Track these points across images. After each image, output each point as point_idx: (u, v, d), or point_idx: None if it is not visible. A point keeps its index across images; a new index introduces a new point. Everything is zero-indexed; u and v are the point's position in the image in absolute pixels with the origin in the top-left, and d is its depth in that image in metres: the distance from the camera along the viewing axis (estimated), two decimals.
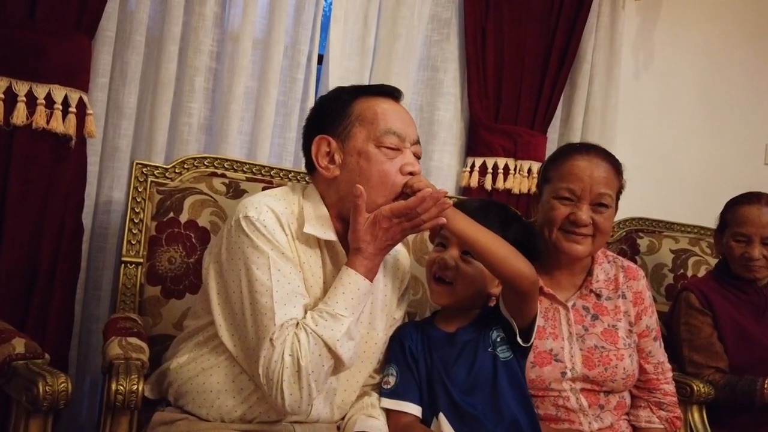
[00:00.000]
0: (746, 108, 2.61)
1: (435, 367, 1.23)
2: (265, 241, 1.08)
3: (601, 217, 1.35)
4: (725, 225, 1.80)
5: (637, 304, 1.42)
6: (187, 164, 1.60)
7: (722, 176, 2.48)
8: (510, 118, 2.21)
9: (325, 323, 1.05)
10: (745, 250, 1.72)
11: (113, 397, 1.00)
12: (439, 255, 1.25)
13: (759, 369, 1.65)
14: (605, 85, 2.37)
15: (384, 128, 1.13)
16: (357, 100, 1.17)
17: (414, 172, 1.14)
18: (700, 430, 1.58)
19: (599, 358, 1.34)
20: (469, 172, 2.20)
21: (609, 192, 1.36)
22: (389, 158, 1.13)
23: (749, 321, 1.72)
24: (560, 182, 1.37)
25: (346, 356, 1.07)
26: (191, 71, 1.85)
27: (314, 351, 1.04)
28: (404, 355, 1.24)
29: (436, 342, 1.25)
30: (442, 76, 2.20)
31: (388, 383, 1.22)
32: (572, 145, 1.48)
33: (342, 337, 1.05)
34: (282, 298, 1.06)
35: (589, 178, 1.34)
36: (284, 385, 1.02)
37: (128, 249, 1.49)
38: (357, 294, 1.08)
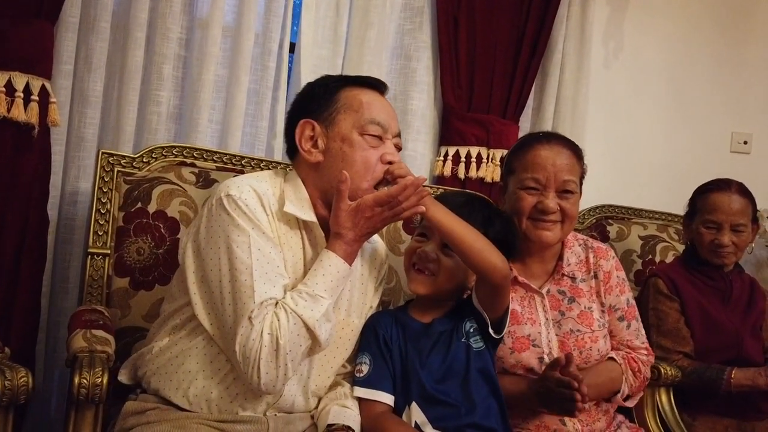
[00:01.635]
0: (713, 97, 2.66)
1: (409, 357, 1.23)
2: (246, 220, 1.10)
3: (568, 203, 1.38)
4: (695, 212, 1.82)
5: (605, 284, 1.44)
6: (155, 153, 1.57)
7: (690, 164, 2.53)
8: (482, 108, 2.22)
9: (305, 303, 1.07)
10: (715, 237, 1.74)
11: (77, 390, 0.98)
12: (420, 246, 1.25)
13: (724, 353, 1.70)
14: (576, 75, 2.38)
15: (368, 117, 1.16)
16: (344, 89, 1.20)
17: (393, 161, 1.17)
18: (667, 412, 1.62)
19: (574, 342, 1.37)
20: (442, 161, 2.21)
21: (573, 178, 1.38)
22: (371, 146, 1.16)
23: (715, 306, 1.75)
24: (525, 173, 1.39)
25: (323, 337, 1.09)
26: (159, 59, 1.82)
27: (293, 330, 1.05)
28: (378, 344, 1.24)
29: (411, 332, 1.25)
30: (415, 65, 2.19)
31: (361, 371, 1.22)
32: (533, 135, 1.50)
33: (321, 318, 1.07)
34: (261, 277, 1.07)
35: (552, 166, 1.37)
36: (261, 363, 1.03)
37: (95, 240, 1.46)
38: (336, 276, 1.10)
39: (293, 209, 1.16)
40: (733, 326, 1.73)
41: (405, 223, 1.80)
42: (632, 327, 1.46)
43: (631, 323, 1.46)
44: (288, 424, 1.18)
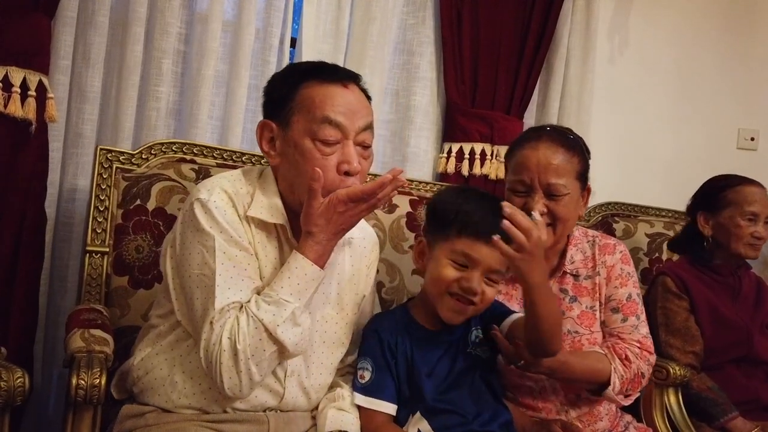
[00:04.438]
0: (719, 93, 2.63)
1: (416, 366, 1.18)
2: (213, 224, 1.07)
3: (558, 205, 1.30)
4: (724, 204, 1.76)
5: (606, 277, 1.39)
6: (155, 150, 1.54)
7: (696, 160, 2.50)
8: (486, 103, 2.19)
9: (267, 308, 1.04)
10: (755, 229, 1.73)
11: (74, 392, 0.96)
12: (462, 276, 1.14)
13: (734, 350, 1.70)
14: (581, 70, 2.36)
15: (321, 117, 1.07)
16: (302, 84, 1.10)
17: (350, 171, 1.08)
18: (676, 412, 1.60)
19: (571, 344, 1.33)
20: (445, 157, 2.18)
21: (560, 181, 1.29)
22: (324, 154, 1.07)
23: (725, 303, 1.74)
24: (513, 175, 1.35)
25: (290, 342, 1.05)
26: (158, 54, 1.79)
27: (254, 335, 1.02)
28: (382, 351, 1.18)
29: (417, 340, 1.21)
30: (418, 60, 2.17)
31: (362, 377, 1.18)
32: (525, 133, 1.43)
33: (284, 323, 1.03)
34: (225, 282, 1.05)
35: (537, 167, 1.29)
36: (222, 368, 1.02)
37: (93, 238, 1.43)
38: (304, 279, 1.06)
39: (259, 211, 1.11)
40: (743, 323, 1.72)
41: (409, 221, 1.78)
42: (628, 322, 1.36)
43: (628, 318, 1.36)
44: (289, 423, 1.16)
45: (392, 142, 2.21)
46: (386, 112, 2.19)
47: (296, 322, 1.05)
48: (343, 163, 1.07)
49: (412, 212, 1.79)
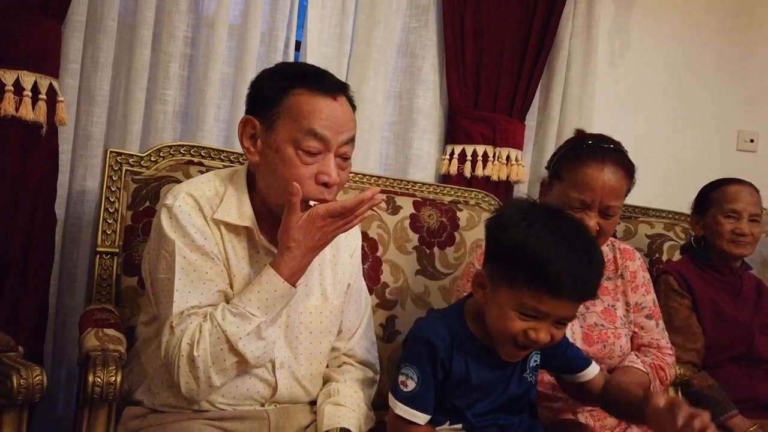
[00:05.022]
0: (719, 95, 2.65)
1: (470, 385, 1.12)
2: (175, 228, 1.09)
3: (608, 222, 1.37)
4: (709, 205, 1.82)
5: (631, 283, 1.47)
6: (163, 152, 1.57)
7: (696, 162, 2.52)
8: (488, 106, 2.21)
9: (232, 319, 1.04)
10: (736, 226, 1.76)
11: (90, 389, 0.98)
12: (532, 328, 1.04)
13: (735, 348, 1.73)
14: (582, 73, 2.38)
15: (307, 129, 1.07)
16: (292, 91, 1.10)
17: (329, 183, 1.09)
18: None
19: (598, 335, 1.39)
20: (448, 159, 2.20)
21: (617, 203, 1.36)
22: (305, 163, 1.08)
23: (726, 302, 1.77)
24: (572, 191, 1.35)
25: (251, 355, 1.06)
26: (165, 57, 1.82)
27: (215, 344, 1.04)
28: (433, 364, 1.10)
29: (474, 356, 1.12)
30: (421, 63, 2.19)
31: (405, 386, 1.11)
32: (589, 149, 1.39)
33: (246, 337, 1.04)
34: (185, 286, 1.07)
35: (601, 189, 1.33)
36: (180, 371, 1.04)
37: (103, 239, 1.46)
38: (273, 296, 1.06)
39: (227, 214, 1.12)
40: (744, 321, 1.75)
41: (412, 222, 1.80)
42: (660, 326, 1.48)
43: (659, 323, 1.48)
44: (289, 418, 1.19)
45: (395, 144, 2.23)
46: (389, 115, 2.22)
47: (261, 336, 1.07)
48: (322, 174, 1.08)
49: (416, 213, 1.82)
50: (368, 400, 1.27)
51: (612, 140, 1.43)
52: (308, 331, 1.21)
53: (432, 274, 1.80)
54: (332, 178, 1.09)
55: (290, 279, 1.07)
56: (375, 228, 1.75)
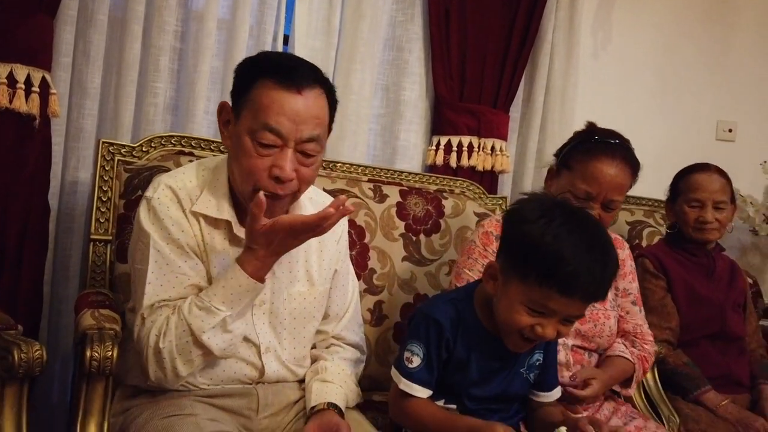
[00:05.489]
0: (699, 86, 2.71)
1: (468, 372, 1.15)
2: (153, 221, 1.12)
3: (608, 214, 1.44)
4: (678, 193, 1.89)
5: (621, 270, 1.53)
6: (154, 143, 1.60)
7: (676, 152, 2.57)
8: (473, 98, 2.26)
9: (197, 313, 1.06)
10: (699, 214, 1.82)
11: (88, 363, 1.03)
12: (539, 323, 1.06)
13: (709, 326, 1.79)
14: (565, 65, 2.43)
15: (263, 122, 1.07)
16: (259, 82, 1.09)
17: (280, 177, 1.08)
18: (651, 386, 1.69)
19: (590, 314, 1.46)
20: (434, 150, 2.25)
21: (620, 198, 1.43)
22: (260, 155, 1.08)
23: (700, 282, 1.83)
24: (580, 181, 1.41)
25: (217, 348, 1.08)
26: (156, 51, 1.85)
27: (181, 337, 1.06)
28: (438, 346, 1.13)
29: (477, 343, 1.15)
30: (407, 56, 2.23)
31: (410, 362, 1.14)
32: (602, 144, 1.44)
33: (211, 330, 1.06)
34: (157, 279, 1.10)
35: (608, 184, 1.40)
36: (148, 361, 1.07)
37: (97, 227, 1.49)
38: (237, 291, 1.07)
39: (206, 207, 1.13)
40: (717, 300, 1.82)
41: (399, 210, 1.85)
42: (642, 312, 1.57)
43: (641, 309, 1.57)
44: (277, 394, 1.22)
45: (383, 136, 2.28)
46: (377, 107, 2.26)
47: (226, 329, 1.08)
48: (275, 167, 1.07)
49: (402, 202, 1.87)
50: (355, 378, 1.31)
51: (622, 137, 1.49)
52: (292, 316, 1.23)
53: (418, 260, 1.85)
54: (284, 173, 1.07)
55: (255, 275, 1.08)
56: (362, 216, 1.80)
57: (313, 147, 1.11)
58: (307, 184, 1.15)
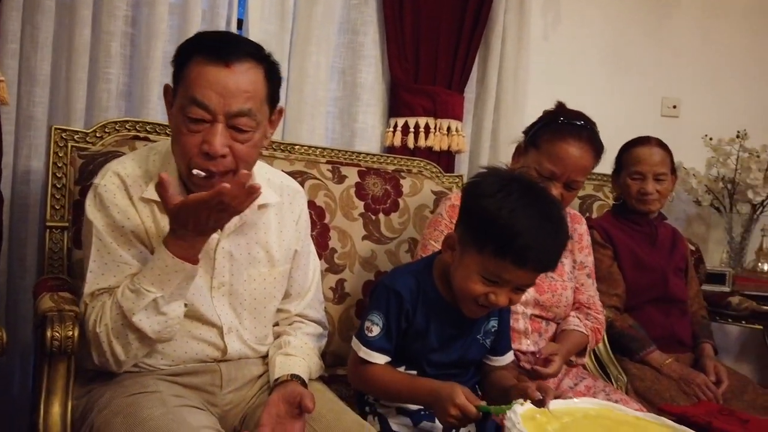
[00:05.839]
0: (645, 65, 2.82)
1: (429, 336, 1.19)
2: (98, 209, 1.12)
3: (570, 194, 1.50)
4: (621, 167, 1.98)
5: (578, 243, 1.63)
6: (108, 128, 1.59)
7: (624, 128, 2.65)
8: (428, 80, 2.30)
9: (128, 295, 1.07)
10: (641, 186, 1.91)
11: (49, 343, 1.03)
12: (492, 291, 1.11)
13: (652, 291, 1.89)
14: (516, 46, 2.48)
15: (191, 97, 1.06)
16: (192, 59, 1.08)
17: (209, 153, 1.06)
18: (601, 349, 1.78)
19: (548, 285, 1.53)
20: (392, 132, 2.28)
21: (583, 178, 1.48)
22: (190, 131, 1.07)
23: (644, 249, 1.93)
24: (546, 161, 1.46)
25: (150, 330, 1.07)
26: (106, 37, 1.83)
27: (115, 320, 1.07)
28: (398, 316, 1.17)
29: (436, 309, 1.19)
30: (362, 39, 2.25)
31: (370, 331, 1.18)
32: (570, 126, 1.49)
33: (142, 312, 1.06)
34: (99, 268, 1.11)
35: (573, 165, 1.45)
36: (91, 346, 1.09)
37: (52, 214, 1.48)
38: (164, 271, 1.06)
39: (155, 193, 1.09)
40: (660, 266, 1.92)
41: (357, 190, 1.89)
42: (594, 285, 1.66)
43: (594, 282, 1.66)
44: (240, 369, 1.24)
45: (341, 119, 2.30)
46: (333, 90, 2.28)
47: (159, 311, 1.07)
48: (204, 143, 1.06)
49: (361, 182, 1.90)
50: (318, 351, 1.34)
51: (588, 119, 1.54)
52: (253, 297, 1.25)
53: (378, 238, 1.89)
54: (212, 148, 1.05)
55: (182, 255, 1.06)
56: (322, 197, 1.83)
57: (245, 122, 1.08)
58: (244, 162, 1.11)
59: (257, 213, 1.23)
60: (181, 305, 1.11)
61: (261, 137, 1.13)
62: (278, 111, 1.20)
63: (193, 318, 1.19)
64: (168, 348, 1.17)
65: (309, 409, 1.11)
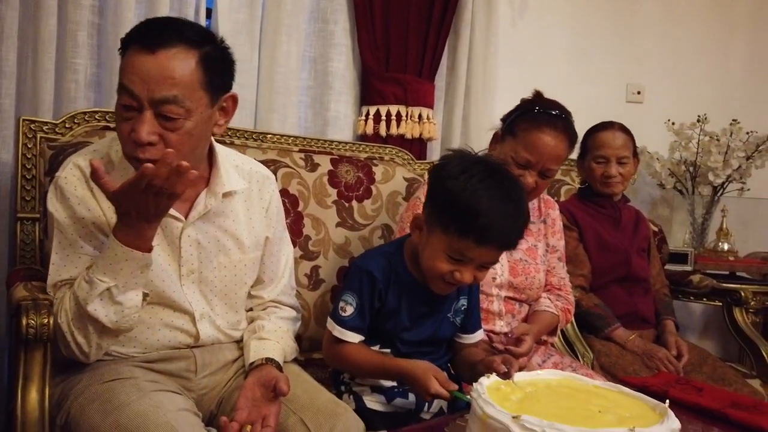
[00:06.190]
0: (609, 52, 2.88)
1: (400, 319, 1.23)
2: (59, 201, 1.13)
3: (544, 181, 1.54)
4: (586, 151, 2.04)
5: (551, 228, 1.68)
6: (78, 119, 1.59)
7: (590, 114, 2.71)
8: (399, 68, 2.32)
9: (83, 285, 1.07)
10: (604, 170, 1.98)
11: (25, 331, 1.04)
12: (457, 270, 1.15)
13: (616, 270, 1.96)
14: (485, 33, 2.52)
15: (120, 84, 1.07)
16: (128, 49, 1.09)
17: (136, 140, 1.05)
18: (568, 327, 1.85)
19: (522, 268, 1.59)
20: (364, 120, 2.31)
21: (557, 166, 1.52)
22: (123, 119, 1.08)
23: (608, 231, 2.00)
24: (522, 149, 1.48)
25: (106, 319, 1.07)
26: (73, 26, 1.81)
27: (74, 310, 1.08)
28: (371, 296, 1.21)
29: (407, 289, 1.23)
30: (333, 27, 2.27)
31: (344, 310, 1.21)
32: (546, 116, 1.51)
33: (98, 301, 1.06)
34: (61, 260, 1.12)
35: (548, 154, 1.48)
36: (57, 337, 1.09)
37: (23, 206, 1.48)
38: (115, 260, 1.05)
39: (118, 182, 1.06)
40: (623, 247, 1.99)
41: (330, 178, 1.91)
42: (565, 268, 1.72)
43: (565, 265, 1.71)
44: (215, 354, 1.26)
45: (313, 108, 2.31)
46: (305, 79, 2.29)
47: (114, 300, 1.06)
48: (133, 131, 1.06)
49: (333, 170, 1.93)
50: (292, 334, 1.36)
51: (564, 108, 1.58)
52: (223, 284, 1.26)
53: (352, 225, 1.92)
54: (137, 135, 1.05)
55: (131, 244, 1.04)
56: (295, 185, 1.85)
57: (172, 109, 1.06)
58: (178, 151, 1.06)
59: (223, 201, 1.24)
60: (138, 294, 1.10)
61: (197, 125, 1.10)
62: (230, 98, 1.18)
63: (164, 305, 1.20)
64: (141, 335, 1.19)
65: (284, 392, 1.13)
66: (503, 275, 1.56)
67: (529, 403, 0.89)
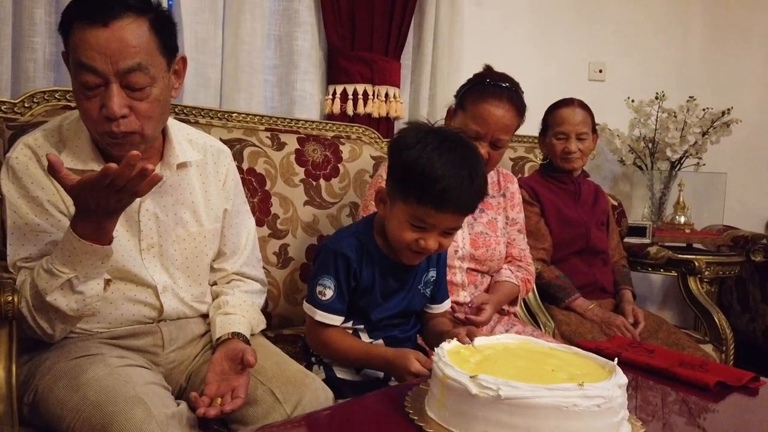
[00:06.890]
0: (572, 31, 2.94)
1: (374, 295, 1.25)
2: (12, 181, 1.13)
3: (497, 152, 1.57)
4: (547, 127, 2.10)
5: (510, 201, 1.73)
6: (37, 98, 1.56)
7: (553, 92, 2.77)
8: (365, 46, 2.33)
9: (43, 274, 1.06)
10: (564, 146, 2.03)
11: None
12: (421, 237, 1.17)
13: (576, 243, 2.03)
14: (450, 12, 2.54)
15: (78, 62, 1.05)
16: (73, 27, 1.06)
17: (109, 116, 1.05)
18: (530, 298, 1.91)
19: (483, 241, 1.63)
20: (331, 99, 2.32)
21: (507, 137, 1.55)
22: (87, 98, 1.06)
23: (568, 205, 2.06)
24: (471, 122, 1.53)
25: (67, 308, 1.07)
26: (29, 3, 1.77)
27: (35, 297, 1.08)
28: (347, 276, 1.23)
29: (379, 266, 1.25)
30: (297, 5, 2.26)
31: (323, 295, 1.23)
32: (491, 87, 1.55)
33: (58, 291, 1.05)
34: (17, 240, 1.13)
35: (495, 124, 1.52)
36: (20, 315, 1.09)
37: None
38: (73, 252, 1.04)
39: (70, 160, 1.10)
40: (583, 220, 2.06)
41: (297, 157, 1.92)
42: (525, 240, 1.77)
43: (525, 237, 1.77)
44: (181, 328, 1.27)
45: (279, 87, 2.31)
46: (271, 58, 2.28)
47: (74, 290, 1.06)
48: (104, 107, 1.05)
49: (300, 149, 1.94)
50: (258, 307, 1.38)
51: (512, 80, 1.61)
52: (184, 256, 1.27)
53: (319, 203, 1.94)
54: (110, 111, 1.05)
55: (90, 237, 1.03)
56: (262, 164, 1.85)
57: (139, 78, 1.06)
58: (149, 120, 1.10)
59: (179, 174, 1.25)
60: (99, 282, 1.10)
61: (162, 90, 1.11)
62: (181, 59, 1.19)
63: (126, 280, 1.21)
64: (104, 311, 1.19)
65: (251, 363, 1.15)
66: (465, 248, 1.61)
67: (487, 364, 0.93)
